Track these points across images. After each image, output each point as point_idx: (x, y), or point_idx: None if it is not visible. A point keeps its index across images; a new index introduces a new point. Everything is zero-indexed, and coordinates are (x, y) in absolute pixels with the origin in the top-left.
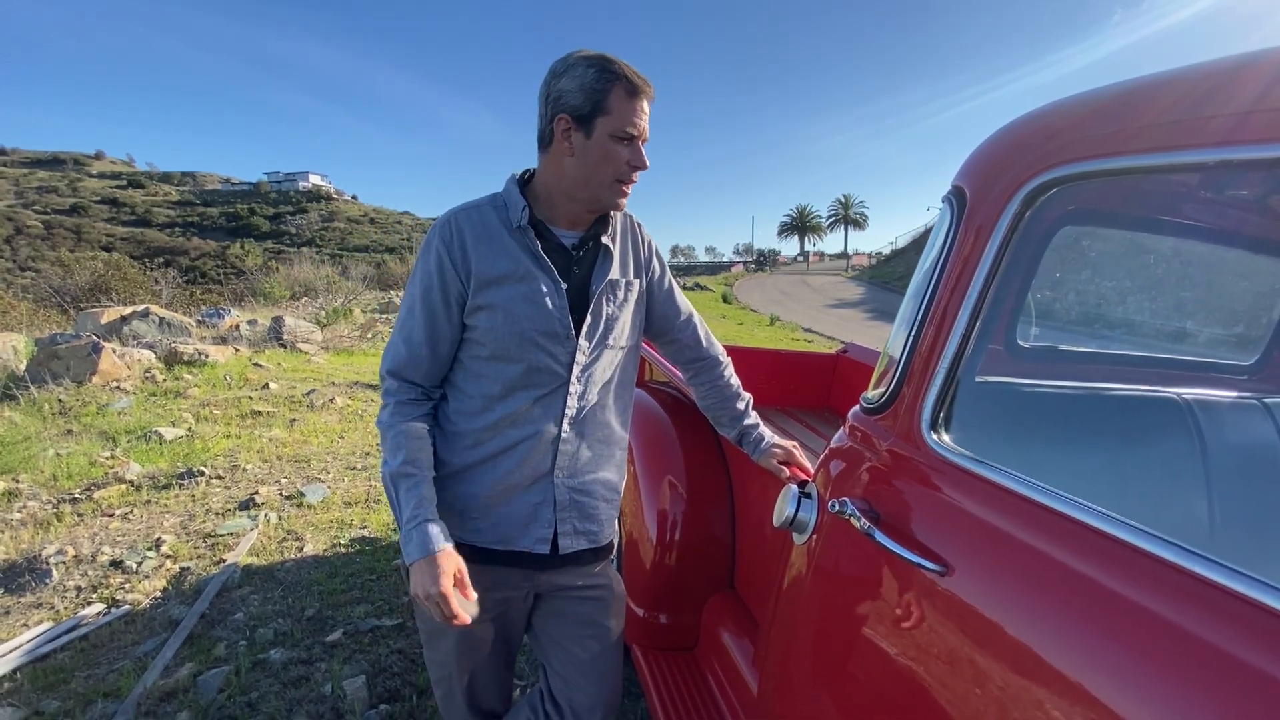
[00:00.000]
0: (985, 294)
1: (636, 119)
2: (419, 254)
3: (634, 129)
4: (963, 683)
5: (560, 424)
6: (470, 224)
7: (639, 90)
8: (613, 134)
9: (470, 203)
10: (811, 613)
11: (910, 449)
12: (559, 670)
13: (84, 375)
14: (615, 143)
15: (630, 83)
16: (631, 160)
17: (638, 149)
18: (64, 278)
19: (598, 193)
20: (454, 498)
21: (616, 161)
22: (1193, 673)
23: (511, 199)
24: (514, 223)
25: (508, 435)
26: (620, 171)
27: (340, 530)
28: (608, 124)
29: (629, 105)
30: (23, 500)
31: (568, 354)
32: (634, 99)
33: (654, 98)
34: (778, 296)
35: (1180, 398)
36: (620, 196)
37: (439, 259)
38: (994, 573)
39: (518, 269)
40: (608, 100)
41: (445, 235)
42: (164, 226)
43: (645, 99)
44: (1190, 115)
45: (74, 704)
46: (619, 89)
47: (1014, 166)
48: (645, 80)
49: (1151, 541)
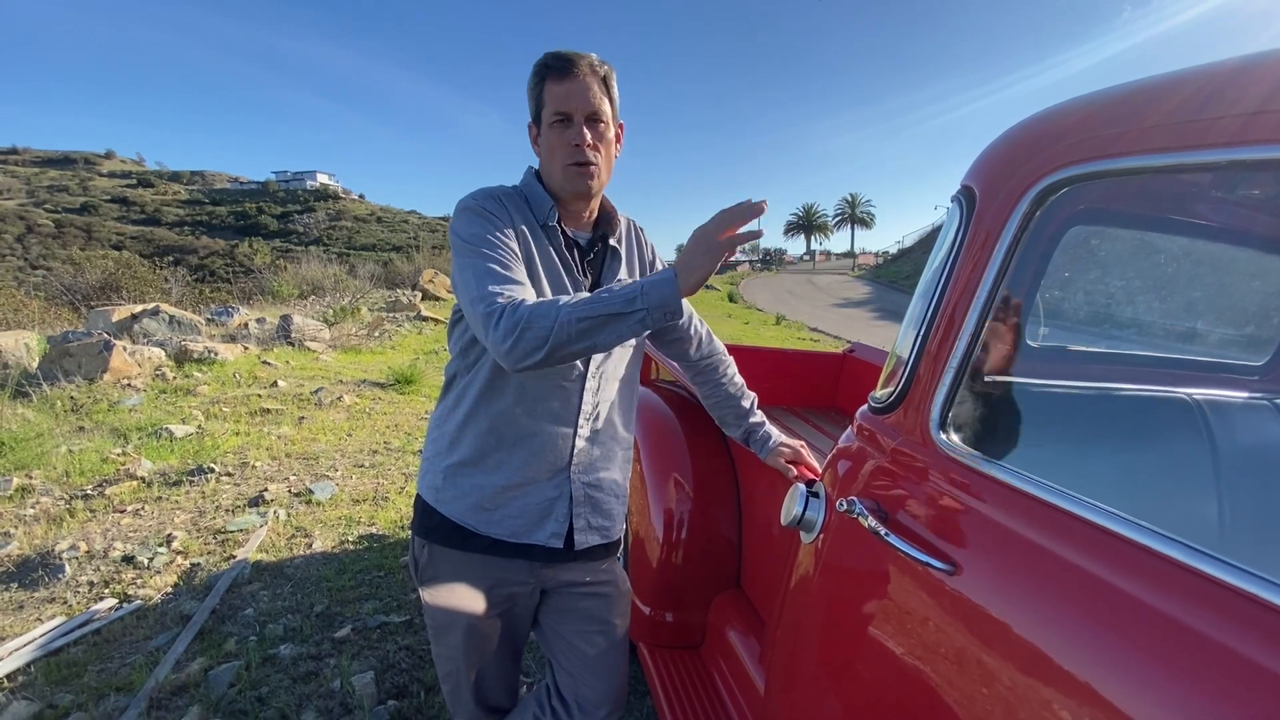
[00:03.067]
0: (994, 294)
1: (565, 98)
2: (461, 218)
3: (563, 108)
4: (970, 683)
5: (577, 419)
6: (514, 205)
7: (564, 70)
8: (550, 122)
9: (501, 187)
10: (818, 612)
11: (919, 448)
12: (565, 666)
13: (95, 373)
14: (554, 129)
15: (553, 69)
16: (570, 139)
17: (576, 127)
18: (75, 276)
19: (561, 183)
20: (471, 488)
21: (560, 144)
22: (1203, 674)
23: (537, 195)
24: (540, 220)
25: (526, 426)
26: (567, 153)
27: (348, 527)
28: (547, 115)
29: (556, 88)
30: (36, 496)
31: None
32: (562, 80)
33: (601, 70)
34: (784, 296)
35: (1191, 398)
36: (581, 179)
37: (495, 215)
38: (1002, 573)
39: (547, 263)
40: (542, 93)
41: (492, 204)
42: (173, 225)
43: (576, 76)
44: (1200, 115)
45: (86, 697)
46: (549, 79)
47: (1024, 166)
48: (571, 58)
49: (1161, 541)
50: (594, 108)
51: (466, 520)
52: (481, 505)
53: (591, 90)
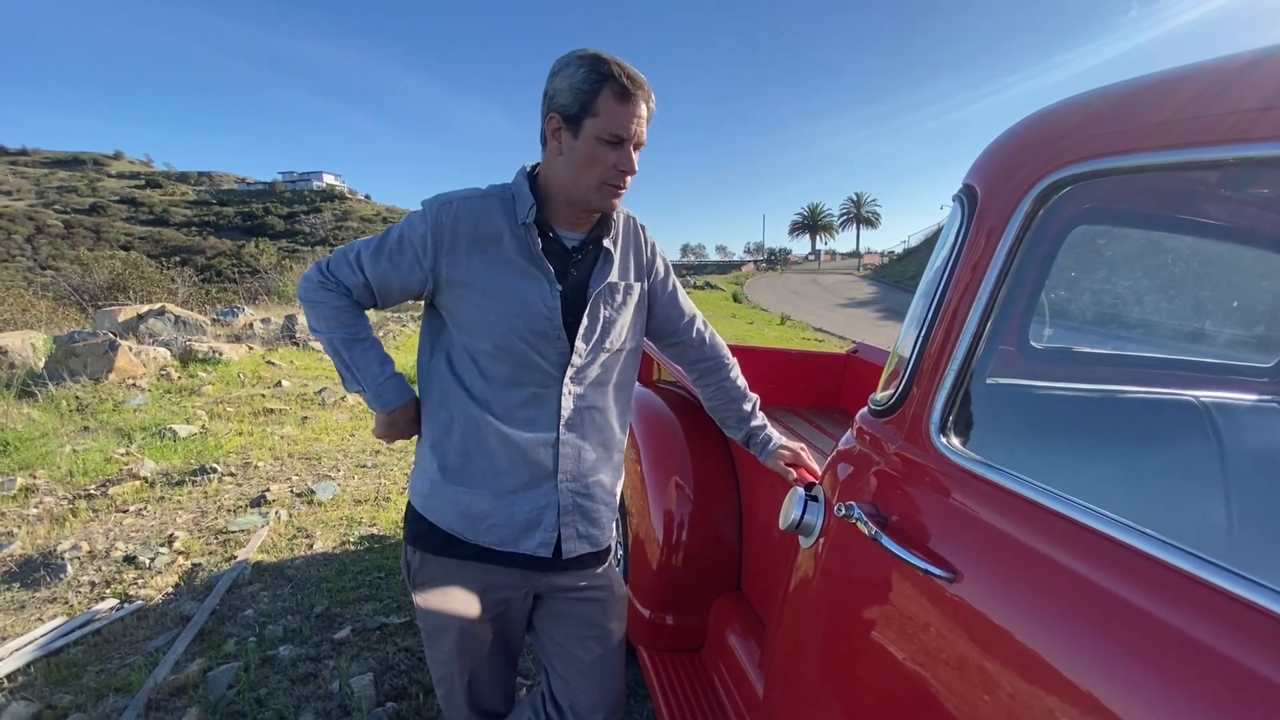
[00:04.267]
0: (997, 294)
1: (625, 122)
2: (408, 218)
3: (622, 131)
4: (970, 692)
5: (557, 425)
6: (478, 210)
7: (629, 93)
8: (599, 136)
9: (478, 192)
10: (818, 617)
11: (919, 453)
12: (560, 672)
13: (101, 373)
14: (601, 145)
15: (620, 84)
16: (619, 164)
17: (626, 153)
18: (83, 276)
19: (585, 194)
20: (457, 497)
21: (602, 164)
22: (1209, 685)
23: (520, 193)
24: (519, 219)
25: (503, 433)
26: (606, 174)
27: (349, 528)
28: (594, 126)
29: (617, 108)
30: (40, 496)
31: (558, 354)
32: (624, 102)
33: (651, 101)
34: (788, 296)
35: (1198, 401)
36: (610, 199)
37: (422, 238)
38: (1004, 580)
39: (512, 263)
40: (595, 102)
41: (445, 215)
42: (181, 226)
43: (638, 101)
44: (1208, 111)
45: (85, 698)
46: (608, 90)
47: (1027, 164)
48: (639, 82)
49: (1167, 550)
50: (643, 137)
51: (454, 528)
52: (467, 514)
53: (645, 118)
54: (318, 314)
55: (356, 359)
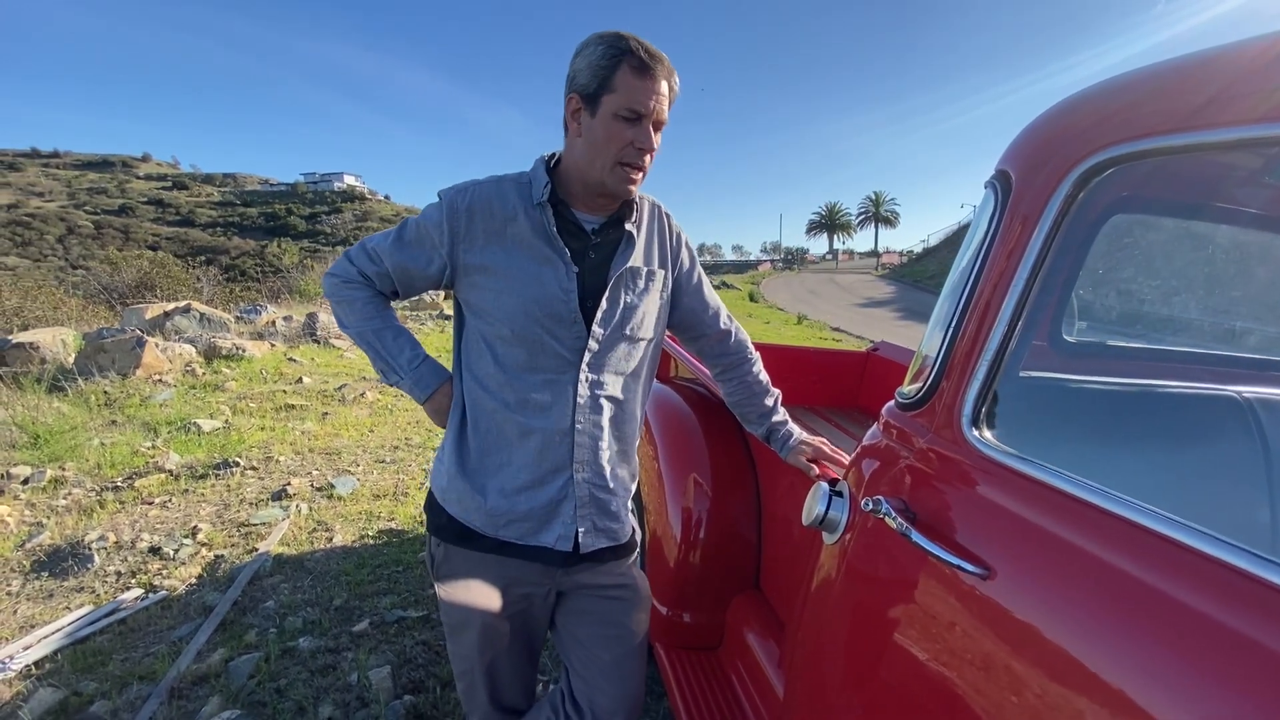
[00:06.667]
0: (1032, 284)
1: (643, 97)
2: (427, 209)
3: (640, 107)
4: (1002, 694)
5: (572, 414)
6: (483, 202)
7: (647, 67)
8: (616, 112)
9: (493, 178)
10: (842, 615)
11: (950, 446)
12: (580, 671)
13: (128, 368)
14: (619, 121)
15: (638, 58)
16: (635, 140)
17: (645, 130)
18: (112, 275)
19: (601, 175)
20: (476, 489)
21: (619, 140)
22: (1253, 682)
23: (536, 176)
24: (534, 199)
25: (520, 423)
26: (623, 152)
27: (368, 522)
28: (612, 102)
29: (636, 83)
30: (68, 488)
31: (574, 339)
32: (642, 76)
33: (673, 79)
34: (805, 295)
35: (1241, 396)
36: (626, 181)
37: (438, 224)
38: (1039, 576)
39: (526, 243)
40: (614, 77)
41: (461, 200)
42: (206, 226)
43: (657, 77)
44: (1262, 86)
45: (110, 686)
46: (625, 65)
47: (1065, 147)
48: (658, 57)
49: (1209, 543)
50: (664, 115)
51: (473, 521)
52: (484, 509)
53: (666, 95)
54: (345, 309)
55: (389, 347)
